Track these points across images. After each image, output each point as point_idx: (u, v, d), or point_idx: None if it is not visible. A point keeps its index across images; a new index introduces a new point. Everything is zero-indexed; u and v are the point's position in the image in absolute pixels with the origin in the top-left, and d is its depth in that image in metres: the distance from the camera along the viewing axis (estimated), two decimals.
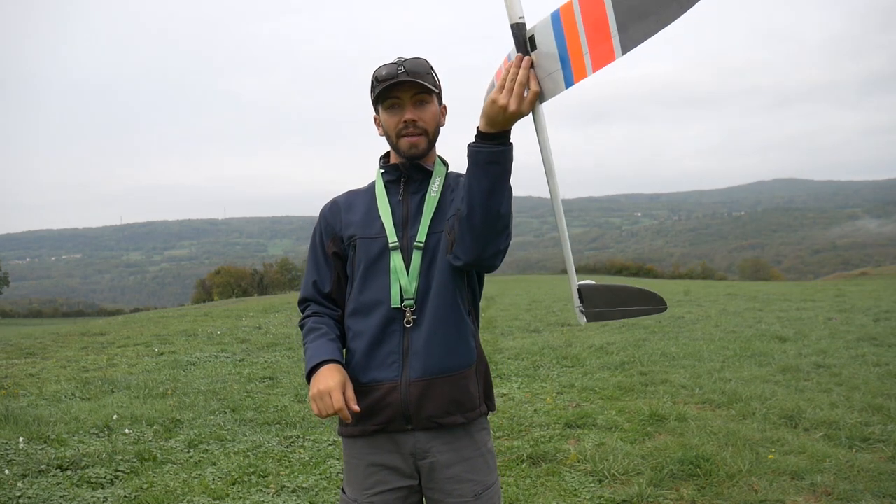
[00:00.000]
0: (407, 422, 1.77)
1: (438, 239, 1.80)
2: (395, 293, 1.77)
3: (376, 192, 1.89)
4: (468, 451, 1.82)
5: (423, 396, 1.76)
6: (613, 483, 3.94)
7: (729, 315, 12.41)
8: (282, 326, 11.72)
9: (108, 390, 6.55)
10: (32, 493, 3.76)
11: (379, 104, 1.83)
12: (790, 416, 5.11)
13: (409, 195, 1.85)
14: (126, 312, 34.13)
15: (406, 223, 1.82)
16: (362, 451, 1.83)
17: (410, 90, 1.77)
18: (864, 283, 25.67)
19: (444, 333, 1.78)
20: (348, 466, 1.87)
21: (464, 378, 1.81)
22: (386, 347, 1.78)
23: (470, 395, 1.82)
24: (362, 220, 1.85)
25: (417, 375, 1.76)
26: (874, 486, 3.73)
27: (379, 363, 1.78)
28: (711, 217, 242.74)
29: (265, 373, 7.39)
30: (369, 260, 1.81)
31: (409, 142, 1.79)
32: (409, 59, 1.78)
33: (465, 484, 1.80)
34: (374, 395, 1.78)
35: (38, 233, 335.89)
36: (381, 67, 1.79)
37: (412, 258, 1.79)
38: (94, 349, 9.62)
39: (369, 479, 1.81)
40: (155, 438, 4.86)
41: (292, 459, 4.43)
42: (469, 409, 1.81)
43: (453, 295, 1.79)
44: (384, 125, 1.84)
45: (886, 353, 7.70)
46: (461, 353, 1.80)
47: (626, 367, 7.31)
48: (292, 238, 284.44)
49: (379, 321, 1.78)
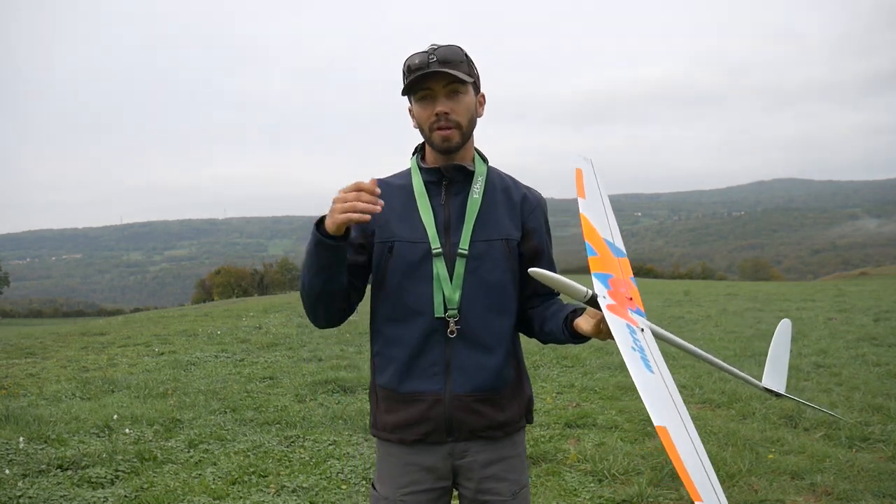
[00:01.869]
0: (448, 434, 1.73)
1: (483, 249, 1.73)
2: (439, 302, 1.70)
3: (415, 191, 1.78)
4: (507, 451, 1.79)
5: (467, 412, 1.72)
6: (613, 483, 3.94)
7: (729, 315, 12.42)
8: (282, 326, 11.72)
9: (109, 390, 6.55)
10: (33, 493, 3.76)
11: (411, 95, 1.73)
12: (790, 416, 5.11)
13: (450, 197, 1.76)
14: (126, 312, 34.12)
15: (448, 228, 1.74)
16: (399, 450, 1.78)
17: (442, 80, 1.66)
18: (864, 283, 25.67)
19: (489, 348, 1.73)
20: (382, 463, 1.82)
21: (507, 398, 1.78)
22: (428, 358, 1.71)
23: (512, 414, 1.79)
24: (402, 222, 1.75)
25: (462, 390, 1.71)
26: (874, 486, 3.73)
27: (420, 373, 1.72)
28: (711, 217, 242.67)
29: (265, 373, 7.38)
30: (409, 265, 1.72)
31: (441, 135, 1.69)
32: (442, 47, 1.67)
33: (503, 483, 1.77)
34: (416, 406, 1.72)
35: (38, 233, 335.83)
36: (413, 56, 1.68)
37: (455, 266, 1.71)
38: (95, 349, 9.62)
39: (404, 478, 1.76)
40: (155, 438, 4.86)
41: (292, 459, 4.43)
42: (509, 424, 1.79)
43: (503, 312, 1.75)
44: (416, 117, 1.74)
45: (886, 353, 7.71)
46: (506, 369, 1.76)
47: (625, 367, 7.30)
48: (292, 238, 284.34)
49: (420, 330, 1.71)
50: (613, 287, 1.61)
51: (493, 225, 1.76)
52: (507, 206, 1.80)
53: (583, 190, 1.78)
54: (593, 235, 1.69)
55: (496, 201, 1.79)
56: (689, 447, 1.31)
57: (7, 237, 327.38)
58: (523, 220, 1.81)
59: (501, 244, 1.75)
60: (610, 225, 1.80)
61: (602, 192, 1.87)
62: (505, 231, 1.77)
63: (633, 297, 1.65)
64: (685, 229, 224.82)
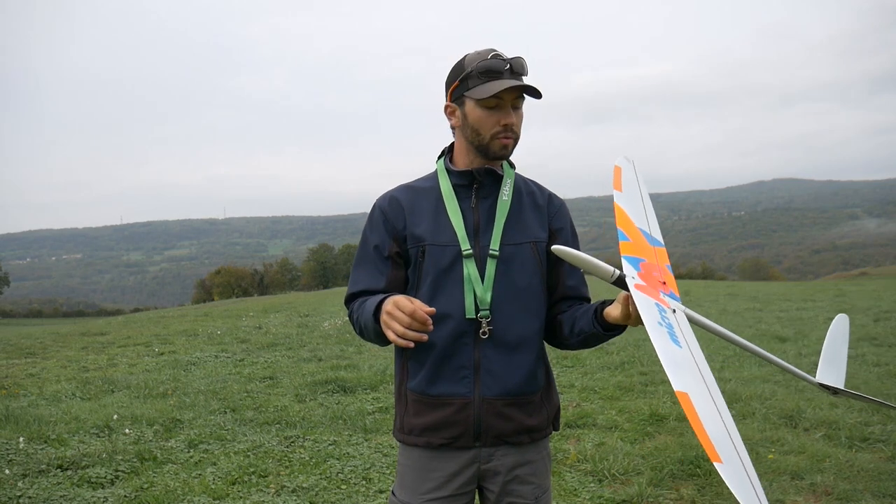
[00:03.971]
0: (476, 439, 1.73)
1: (512, 251, 1.74)
2: (470, 303, 1.69)
3: (444, 194, 1.77)
4: (532, 454, 1.79)
5: (497, 416, 1.71)
6: (613, 483, 3.94)
7: (729, 315, 12.42)
8: (282, 326, 11.72)
9: (109, 390, 6.55)
10: (33, 493, 3.76)
11: (471, 99, 1.68)
12: (790, 416, 5.11)
13: (480, 200, 1.76)
14: (126, 312, 34.13)
15: (478, 231, 1.74)
16: (423, 454, 1.77)
17: (514, 92, 1.67)
18: (864, 283, 25.69)
19: (519, 351, 1.73)
20: (403, 469, 1.81)
21: (536, 403, 1.77)
22: (456, 361, 1.71)
23: (541, 420, 1.79)
24: (432, 225, 1.75)
25: (491, 394, 1.71)
26: (874, 486, 3.73)
27: (449, 376, 1.71)
28: (711, 217, 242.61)
29: (265, 373, 7.39)
30: (440, 269, 1.72)
31: (502, 143, 1.70)
32: (515, 58, 1.67)
33: (527, 486, 1.77)
34: (445, 409, 1.72)
35: (38, 233, 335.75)
36: (480, 59, 1.66)
37: (486, 267, 1.71)
38: (95, 349, 9.63)
39: (426, 484, 1.75)
40: (155, 438, 4.86)
41: (292, 459, 4.43)
42: (537, 432, 1.78)
43: (533, 316, 1.75)
44: (475, 122, 1.69)
45: (886, 353, 7.70)
46: (536, 375, 1.76)
47: (626, 367, 7.31)
48: (292, 238, 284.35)
49: (450, 333, 1.70)
50: (645, 270, 1.62)
51: (522, 228, 1.78)
52: (534, 209, 1.82)
53: (619, 184, 1.83)
54: (627, 224, 1.73)
55: (523, 205, 1.80)
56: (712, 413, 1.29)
57: (7, 237, 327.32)
58: (550, 221, 1.83)
59: (530, 247, 1.77)
60: (648, 217, 1.83)
61: (642, 188, 1.91)
62: (533, 234, 1.78)
63: (668, 282, 1.66)
64: (685, 229, 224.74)
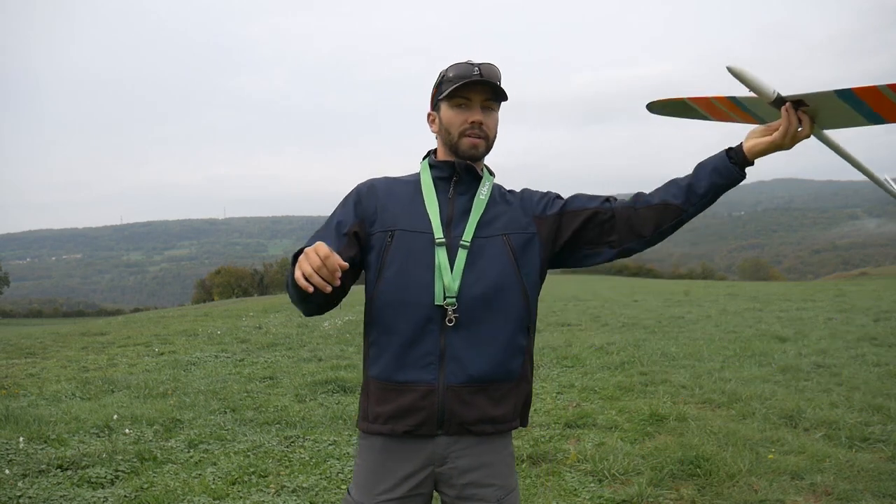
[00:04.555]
0: (439, 426, 1.73)
1: (482, 244, 1.77)
2: (439, 290, 1.71)
3: (423, 185, 1.83)
4: (488, 457, 1.77)
5: (461, 403, 1.71)
6: (613, 483, 3.94)
7: (729, 315, 12.42)
8: (282, 326, 11.72)
9: (109, 390, 6.55)
10: (33, 493, 3.76)
11: (444, 101, 1.79)
12: (790, 416, 5.11)
13: (456, 195, 1.81)
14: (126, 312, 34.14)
15: (451, 222, 1.78)
16: (379, 456, 1.77)
17: (482, 94, 1.77)
18: (864, 283, 25.70)
19: (487, 342, 1.73)
20: (359, 468, 1.81)
21: (502, 392, 1.76)
22: (422, 347, 1.71)
23: (507, 410, 1.78)
24: (406, 212, 1.79)
25: (457, 381, 1.71)
26: (874, 486, 3.73)
27: (414, 362, 1.72)
28: (711, 217, 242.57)
29: (265, 373, 7.39)
30: (409, 253, 1.75)
31: (471, 142, 1.78)
32: (485, 64, 1.77)
33: (486, 489, 1.76)
34: (409, 395, 1.72)
35: (38, 233, 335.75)
36: (453, 67, 1.78)
37: (457, 256, 1.74)
38: (95, 349, 9.63)
39: (380, 485, 1.75)
40: (155, 438, 4.86)
41: (292, 459, 4.43)
42: (501, 422, 1.77)
43: (503, 305, 1.76)
44: (446, 122, 1.79)
45: (886, 353, 7.71)
46: (504, 365, 1.75)
47: (626, 367, 7.31)
48: (292, 238, 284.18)
49: (416, 318, 1.71)
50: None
51: (495, 224, 1.80)
52: (511, 209, 1.84)
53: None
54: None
55: (499, 207, 1.84)
56: None
57: (7, 237, 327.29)
58: (534, 209, 1.86)
59: (500, 239, 1.79)
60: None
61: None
62: (505, 227, 1.81)
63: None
64: (685, 229, 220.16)
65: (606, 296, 18.71)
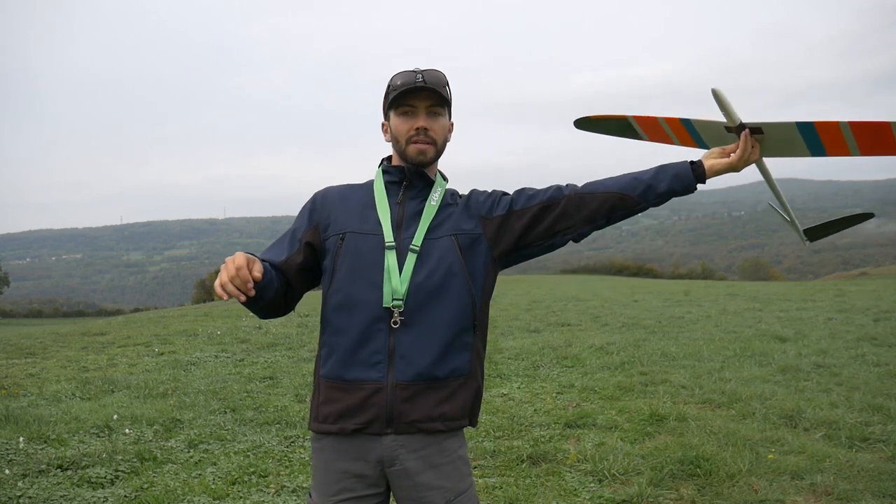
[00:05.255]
0: (388, 425, 1.75)
1: (431, 245, 1.80)
2: (388, 292, 1.75)
3: (375, 190, 1.89)
4: (437, 458, 1.79)
5: (409, 401, 1.75)
6: (613, 483, 3.94)
7: (729, 315, 12.42)
8: (282, 326, 11.71)
9: (109, 390, 6.55)
10: (33, 493, 3.76)
11: (392, 110, 1.86)
12: (790, 416, 5.11)
13: (407, 199, 1.86)
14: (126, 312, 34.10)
15: (401, 225, 1.83)
16: (330, 456, 1.81)
17: (426, 100, 1.82)
18: (864, 283, 25.70)
19: (434, 339, 1.76)
20: (315, 471, 1.85)
21: (451, 389, 1.79)
22: (371, 346, 1.75)
23: (455, 407, 1.80)
24: (357, 215, 1.85)
25: (404, 379, 1.74)
26: (874, 486, 3.73)
27: (363, 361, 1.76)
28: (711, 217, 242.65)
29: (265, 373, 7.39)
30: (359, 255, 1.80)
31: (417, 148, 1.83)
32: (428, 70, 1.82)
33: (434, 491, 1.77)
34: (357, 393, 1.76)
35: (38, 233, 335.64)
36: (398, 75, 1.83)
37: (406, 260, 1.78)
38: (95, 349, 9.63)
39: (335, 486, 1.79)
40: (155, 438, 4.86)
41: (292, 459, 4.43)
42: (450, 419, 1.79)
43: (449, 303, 1.79)
44: (394, 130, 1.86)
45: (886, 353, 7.70)
46: (451, 362, 1.78)
47: (626, 367, 7.31)
48: None
49: (365, 319, 1.76)
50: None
51: (444, 226, 1.85)
52: (460, 212, 1.89)
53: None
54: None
55: (450, 211, 1.88)
56: None
57: (7, 237, 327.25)
58: (480, 210, 1.90)
59: (449, 240, 1.83)
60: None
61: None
62: (452, 230, 1.84)
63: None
64: (685, 229, 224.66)
65: (606, 296, 18.70)
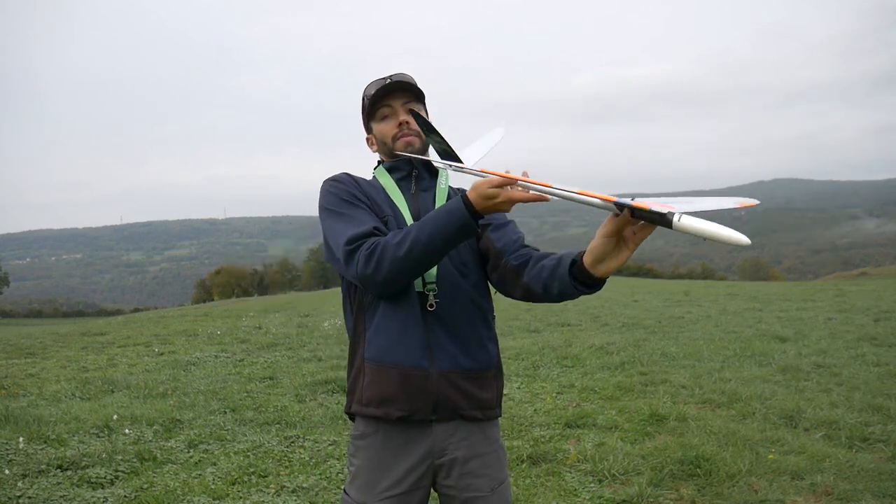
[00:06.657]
0: (433, 411, 1.75)
1: None
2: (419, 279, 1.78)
3: (386, 187, 1.89)
4: (482, 447, 1.82)
5: (453, 388, 1.76)
6: (613, 483, 3.94)
7: (729, 315, 12.42)
8: (282, 326, 11.73)
9: (108, 390, 6.55)
10: (32, 493, 3.76)
11: (372, 120, 1.91)
12: (790, 416, 5.11)
13: (419, 191, 1.90)
14: (126, 312, 34.12)
15: (418, 217, 1.83)
16: (379, 452, 1.78)
17: (401, 98, 1.87)
18: (864, 283, 25.70)
19: (467, 330, 1.80)
20: (359, 468, 1.81)
21: (486, 378, 1.83)
22: (413, 334, 1.75)
23: (491, 395, 1.84)
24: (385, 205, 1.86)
25: (446, 367, 1.76)
26: (874, 486, 3.72)
27: (406, 348, 1.75)
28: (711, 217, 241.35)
29: (265, 373, 7.39)
30: None
31: (405, 141, 1.87)
32: (396, 73, 1.89)
33: (481, 479, 1.80)
34: (401, 380, 1.75)
35: (38, 233, 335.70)
36: (370, 85, 1.90)
37: None
38: (94, 349, 9.63)
39: (383, 482, 1.76)
40: (155, 438, 4.86)
41: (292, 459, 4.43)
42: (488, 407, 1.83)
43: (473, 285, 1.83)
44: (380, 135, 1.90)
45: (886, 353, 7.70)
46: (483, 353, 1.83)
47: (626, 367, 7.31)
48: (292, 238, 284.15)
49: (405, 307, 1.76)
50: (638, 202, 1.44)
51: None
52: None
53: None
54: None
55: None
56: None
57: (7, 237, 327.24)
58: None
59: None
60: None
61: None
62: None
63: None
64: None
65: (606, 296, 18.69)
